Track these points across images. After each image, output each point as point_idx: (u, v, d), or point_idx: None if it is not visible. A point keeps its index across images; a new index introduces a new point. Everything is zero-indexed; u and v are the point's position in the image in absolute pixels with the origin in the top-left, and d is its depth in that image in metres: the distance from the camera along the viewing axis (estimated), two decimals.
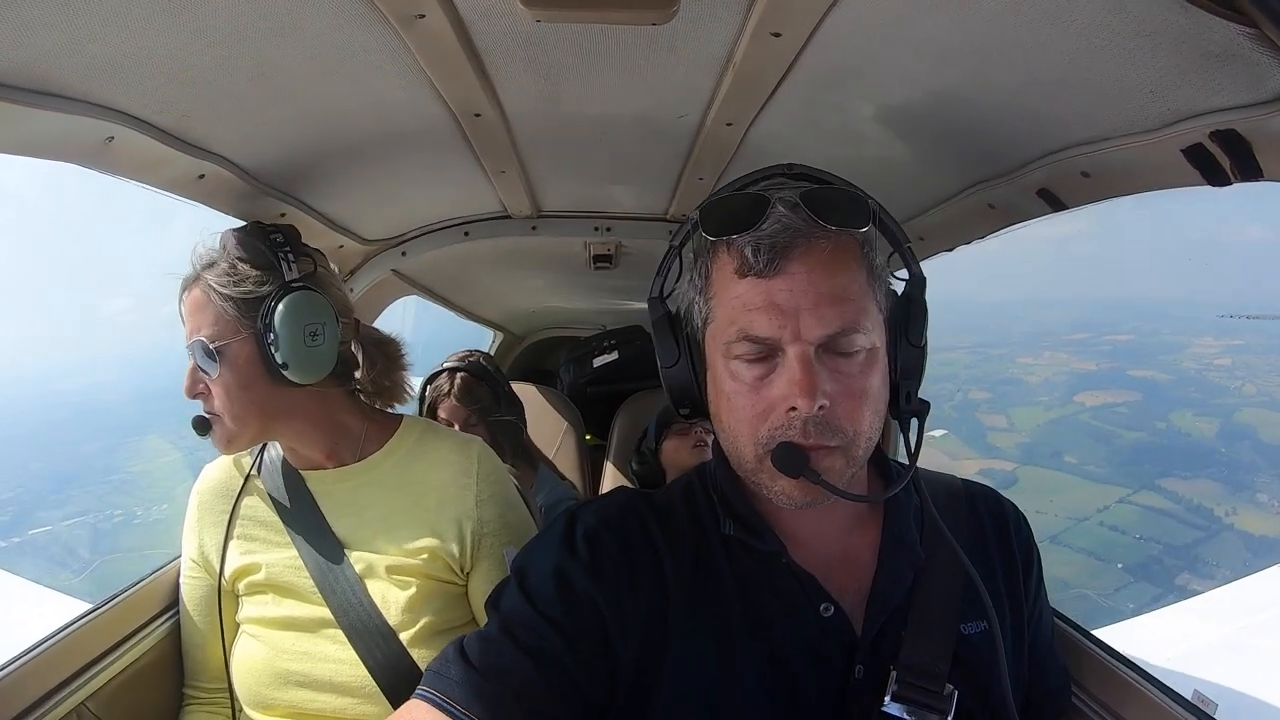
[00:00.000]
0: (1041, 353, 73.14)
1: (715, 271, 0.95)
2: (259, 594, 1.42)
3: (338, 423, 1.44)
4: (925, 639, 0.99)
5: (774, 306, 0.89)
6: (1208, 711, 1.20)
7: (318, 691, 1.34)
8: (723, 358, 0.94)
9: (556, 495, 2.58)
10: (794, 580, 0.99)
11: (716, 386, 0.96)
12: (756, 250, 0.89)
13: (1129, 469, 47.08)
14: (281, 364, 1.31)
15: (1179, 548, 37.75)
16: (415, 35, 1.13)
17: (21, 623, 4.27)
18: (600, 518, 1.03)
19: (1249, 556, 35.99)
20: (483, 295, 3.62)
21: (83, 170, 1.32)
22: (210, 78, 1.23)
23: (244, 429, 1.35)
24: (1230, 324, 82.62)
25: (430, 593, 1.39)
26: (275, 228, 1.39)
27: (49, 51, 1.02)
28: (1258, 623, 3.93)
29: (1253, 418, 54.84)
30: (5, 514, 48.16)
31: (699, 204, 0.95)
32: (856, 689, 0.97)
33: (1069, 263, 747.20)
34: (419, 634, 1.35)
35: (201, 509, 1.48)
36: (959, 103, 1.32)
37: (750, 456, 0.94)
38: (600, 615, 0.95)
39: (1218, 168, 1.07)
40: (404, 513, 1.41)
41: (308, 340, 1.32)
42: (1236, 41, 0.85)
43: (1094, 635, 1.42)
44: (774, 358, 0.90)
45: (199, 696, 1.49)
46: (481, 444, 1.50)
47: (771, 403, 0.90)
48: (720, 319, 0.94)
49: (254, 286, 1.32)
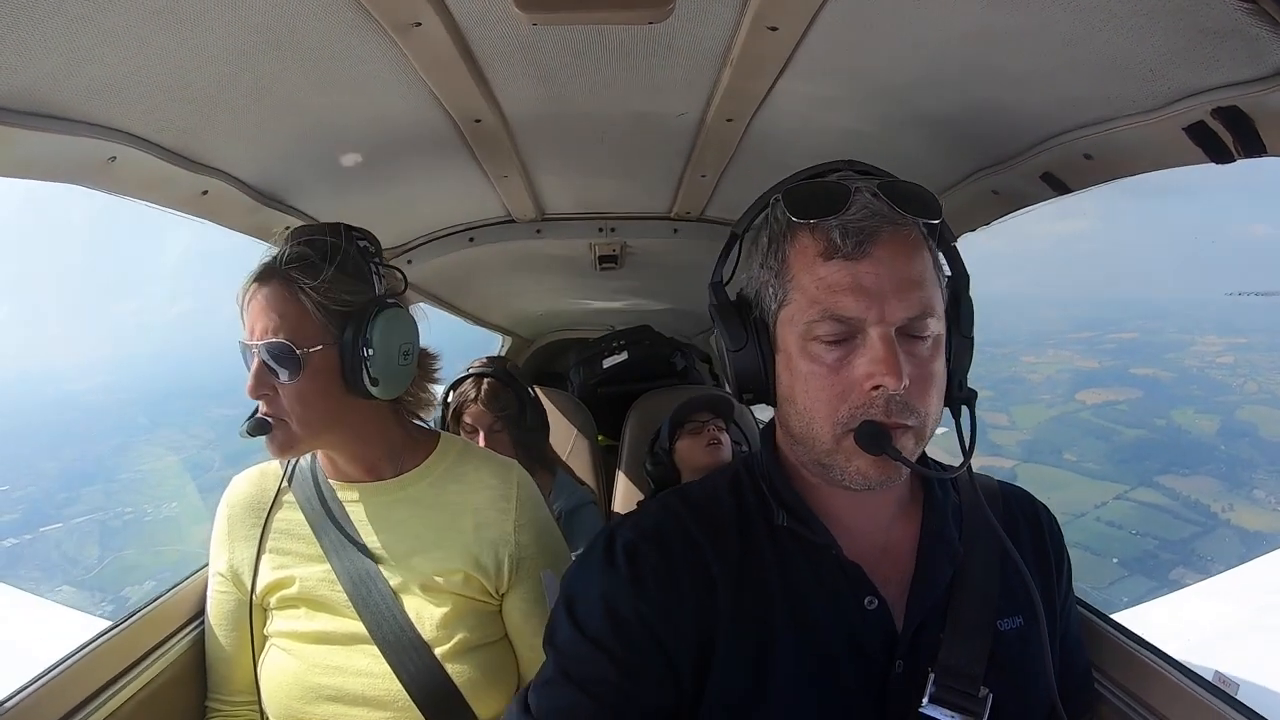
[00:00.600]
0: (1045, 351, 73.46)
1: (794, 255, 0.96)
2: (291, 608, 1.41)
3: (386, 437, 1.43)
4: (963, 640, 1.01)
5: (860, 288, 0.90)
6: (1229, 692, 1.19)
7: (350, 706, 1.34)
8: (799, 339, 0.95)
9: (575, 500, 2.58)
10: (840, 572, 1.01)
11: (790, 369, 0.97)
12: (845, 233, 0.91)
13: (1128, 466, 47.71)
14: (373, 379, 1.29)
15: (1174, 543, 38.23)
16: (413, 44, 1.13)
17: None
18: (638, 530, 1.04)
19: (1244, 551, 35.68)
20: (490, 300, 3.63)
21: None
22: (210, 94, 1.23)
23: (309, 435, 1.32)
24: (1233, 321, 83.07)
25: (464, 610, 1.38)
26: (360, 233, 1.37)
27: (49, 74, 1.03)
28: (1276, 602, 3.91)
29: (1253, 415, 55.26)
30: (17, 511, 49.14)
31: (781, 189, 0.98)
32: (896, 683, 0.99)
33: (1074, 261, 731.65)
34: (453, 649, 1.35)
35: (232, 522, 1.46)
36: (959, 89, 1.31)
37: (828, 437, 0.95)
38: (652, 630, 0.97)
39: (1221, 145, 1.07)
40: (439, 532, 1.40)
41: (400, 359, 1.31)
42: (1235, 18, 0.85)
43: (1114, 620, 1.41)
44: (852, 340, 0.92)
45: (223, 710, 1.49)
46: (521, 469, 1.49)
47: (852, 383, 0.92)
48: (799, 300, 0.95)
49: (350, 296, 1.29)
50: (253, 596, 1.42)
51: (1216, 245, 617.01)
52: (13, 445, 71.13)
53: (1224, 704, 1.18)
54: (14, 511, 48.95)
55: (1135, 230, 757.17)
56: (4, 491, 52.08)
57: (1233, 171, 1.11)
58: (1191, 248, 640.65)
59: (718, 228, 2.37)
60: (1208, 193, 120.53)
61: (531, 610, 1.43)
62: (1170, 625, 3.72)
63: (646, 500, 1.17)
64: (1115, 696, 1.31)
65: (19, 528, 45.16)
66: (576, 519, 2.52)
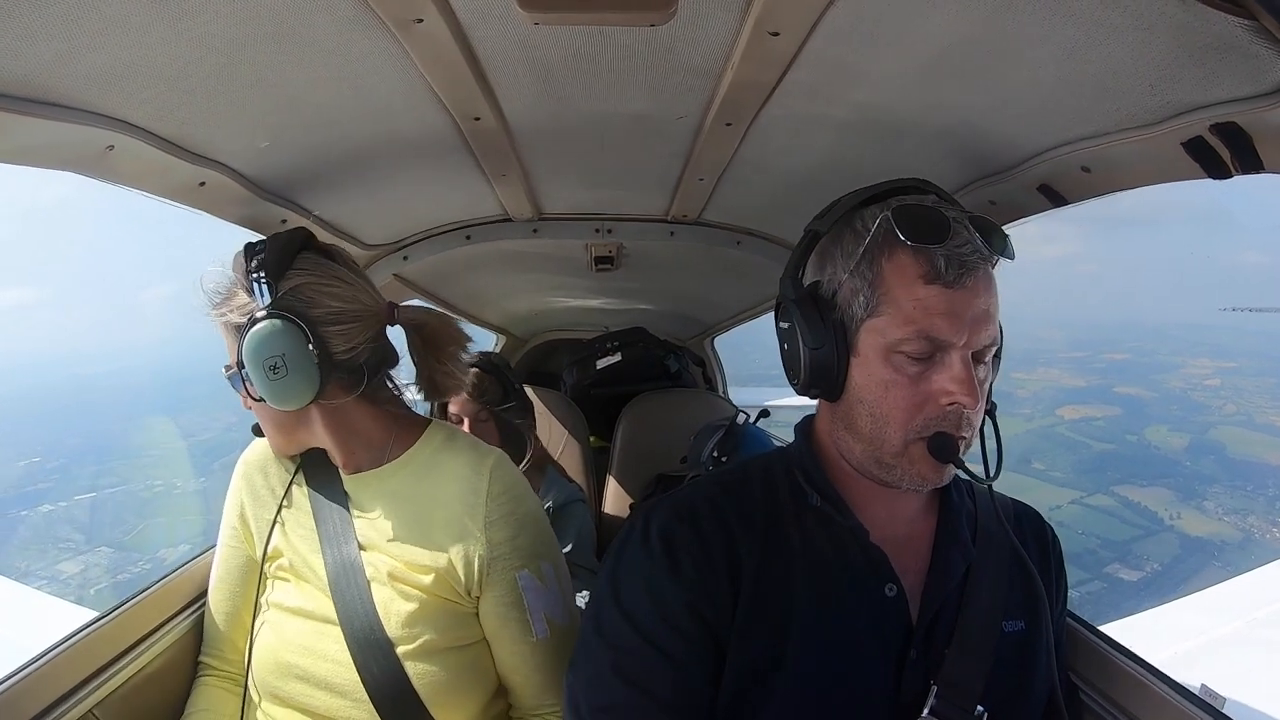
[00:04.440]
0: (1035, 369, 75.51)
1: (890, 271, 1.02)
2: (282, 580, 1.42)
3: (353, 432, 1.41)
4: (967, 653, 1.08)
5: (955, 314, 0.98)
6: (1215, 706, 1.20)
7: (316, 688, 1.34)
8: (884, 349, 1.02)
9: (565, 496, 2.59)
10: (863, 556, 1.09)
11: (868, 373, 1.04)
12: (949, 262, 0.98)
13: (1090, 475, 50.41)
14: (258, 398, 1.32)
15: (1115, 542, 40.33)
16: (413, 40, 1.13)
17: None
18: (671, 512, 1.11)
19: (1180, 553, 39.96)
20: (485, 298, 3.62)
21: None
22: (210, 85, 1.23)
23: (276, 441, 1.44)
24: (1228, 346, 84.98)
25: (434, 609, 1.35)
26: (262, 244, 1.34)
27: (49, 61, 1.03)
28: (1266, 615, 3.92)
29: (1225, 435, 58.06)
30: (51, 480, 51.17)
31: (861, 197, 1.08)
32: (912, 668, 1.06)
33: (1074, 283, 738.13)
34: (418, 649, 1.33)
35: (250, 480, 1.49)
36: (958, 100, 1.31)
37: (898, 440, 1.03)
38: (698, 613, 1.04)
39: (1218, 161, 1.07)
40: (412, 525, 1.38)
41: (269, 375, 1.28)
42: (1235, 34, 0.85)
43: (1101, 631, 1.42)
44: (931, 358, 1.00)
45: (216, 668, 1.50)
46: (498, 459, 1.44)
47: (929, 396, 1.00)
48: (893, 315, 1.01)
49: (238, 317, 1.31)
50: (264, 562, 1.45)
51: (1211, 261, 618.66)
52: (42, 422, 74.75)
53: (1210, 718, 1.18)
54: (48, 481, 51.45)
55: (1137, 250, 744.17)
56: (37, 462, 55.48)
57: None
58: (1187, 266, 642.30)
59: (715, 231, 2.38)
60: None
61: (508, 614, 1.38)
62: (1156, 635, 3.72)
63: (688, 483, 1.24)
64: (1101, 709, 1.32)
65: (55, 495, 47.50)
66: (565, 514, 2.52)
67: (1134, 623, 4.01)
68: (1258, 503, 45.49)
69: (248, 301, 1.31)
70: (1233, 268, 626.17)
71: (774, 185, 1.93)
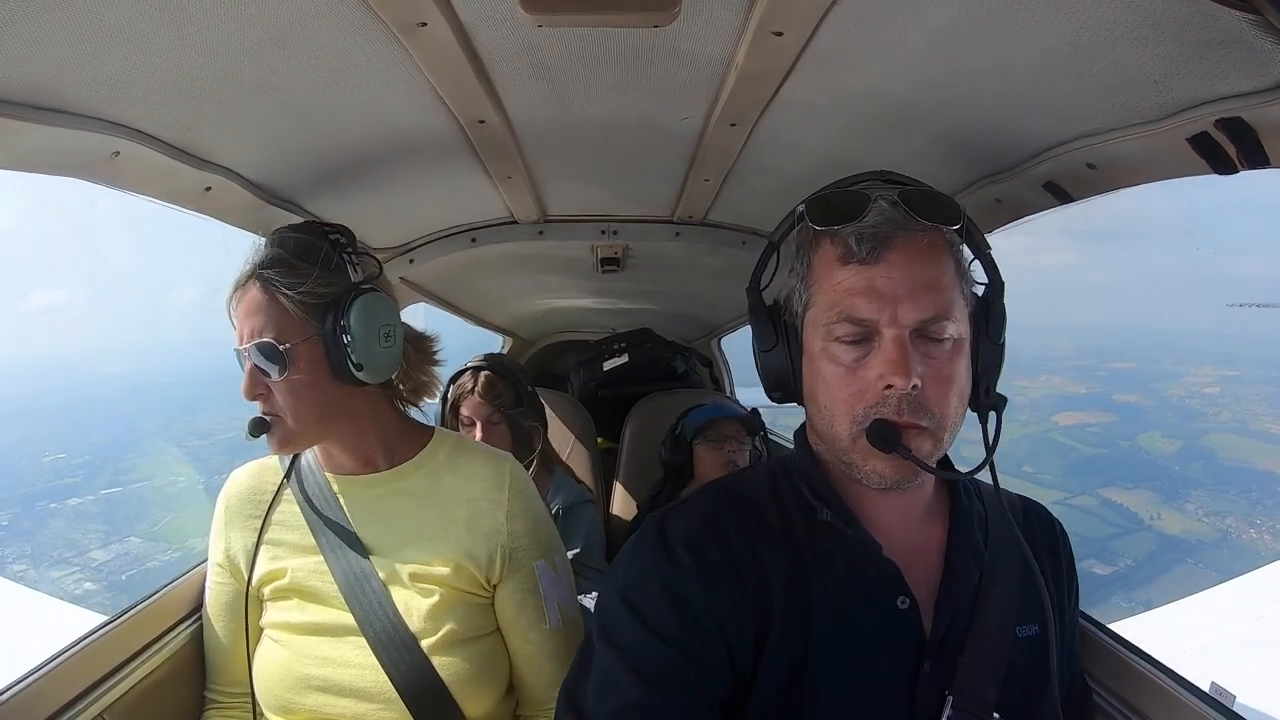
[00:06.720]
0: (1039, 375, 75.54)
1: (817, 260, 1.01)
2: (283, 599, 1.42)
3: (381, 427, 1.45)
4: (981, 662, 1.04)
5: (874, 291, 0.95)
6: (1225, 703, 1.19)
7: (338, 696, 1.35)
8: (821, 341, 0.99)
9: (573, 497, 2.58)
10: (875, 569, 1.04)
11: (813, 369, 1.02)
12: (860, 239, 0.96)
13: (1078, 478, 50.81)
14: (357, 364, 1.32)
15: (1092, 540, 40.54)
16: (418, 44, 1.13)
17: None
18: (695, 521, 1.07)
19: (1154, 550, 41.16)
20: (491, 300, 3.63)
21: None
22: (214, 91, 1.23)
23: (306, 429, 1.36)
24: (1232, 354, 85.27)
25: (453, 602, 1.39)
26: (333, 228, 1.39)
27: (54, 68, 1.03)
28: (1274, 613, 3.90)
29: (1217, 441, 58.18)
30: (78, 475, 52.86)
31: (807, 199, 1.01)
32: (925, 682, 1.02)
33: (1084, 292, 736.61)
34: (440, 641, 1.36)
35: (230, 513, 1.49)
36: (963, 98, 1.31)
37: (845, 435, 0.99)
38: (719, 622, 0.99)
39: (1224, 156, 1.07)
40: (432, 524, 1.41)
41: (382, 341, 1.34)
42: (1240, 29, 0.85)
43: (1111, 630, 1.41)
44: (870, 342, 0.96)
45: (220, 700, 1.50)
46: (514, 460, 1.51)
47: (867, 383, 0.96)
48: (821, 303, 1.00)
49: (323, 287, 1.32)
50: (249, 588, 1.44)
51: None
52: (66, 420, 75.53)
53: (1221, 715, 1.18)
54: (75, 476, 52.77)
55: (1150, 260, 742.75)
56: (63, 458, 56.61)
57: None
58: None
59: (720, 232, 2.38)
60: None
61: (525, 601, 1.44)
62: (1164, 634, 3.71)
63: (695, 492, 1.19)
64: (1112, 707, 1.31)
65: (83, 489, 49.53)
66: (574, 516, 2.51)
67: (1146, 618, 4.00)
68: (1239, 505, 46.03)
69: (328, 275, 1.32)
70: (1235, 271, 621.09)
71: (779, 185, 1.92)
